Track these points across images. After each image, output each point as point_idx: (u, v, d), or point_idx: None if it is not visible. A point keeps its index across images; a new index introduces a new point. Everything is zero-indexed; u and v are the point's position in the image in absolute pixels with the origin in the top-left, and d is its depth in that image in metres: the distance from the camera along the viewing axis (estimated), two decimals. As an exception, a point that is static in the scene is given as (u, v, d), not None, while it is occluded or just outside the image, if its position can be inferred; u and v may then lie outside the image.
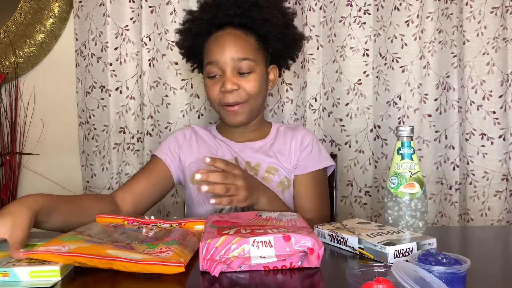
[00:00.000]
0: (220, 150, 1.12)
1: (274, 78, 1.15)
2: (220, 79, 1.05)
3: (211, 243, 0.63)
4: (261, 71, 1.07)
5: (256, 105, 1.08)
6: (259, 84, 1.06)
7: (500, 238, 0.89)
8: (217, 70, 1.05)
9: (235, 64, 1.04)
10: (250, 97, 1.05)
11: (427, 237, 0.70)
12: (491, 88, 1.49)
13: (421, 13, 1.49)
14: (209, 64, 1.06)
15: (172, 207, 1.58)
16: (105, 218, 0.82)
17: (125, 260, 0.61)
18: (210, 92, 1.07)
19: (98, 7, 1.55)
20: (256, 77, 1.06)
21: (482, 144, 1.50)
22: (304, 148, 1.11)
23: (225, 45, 1.04)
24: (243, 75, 1.05)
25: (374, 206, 1.55)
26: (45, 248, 0.62)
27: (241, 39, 1.05)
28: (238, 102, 1.04)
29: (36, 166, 1.67)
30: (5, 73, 1.65)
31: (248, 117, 1.08)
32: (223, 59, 1.03)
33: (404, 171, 0.84)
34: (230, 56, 1.03)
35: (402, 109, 1.52)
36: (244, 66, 1.04)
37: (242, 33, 1.06)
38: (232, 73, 1.04)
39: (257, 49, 1.07)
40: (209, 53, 1.06)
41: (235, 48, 1.04)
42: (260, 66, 1.07)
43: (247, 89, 1.04)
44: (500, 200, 1.51)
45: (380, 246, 0.66)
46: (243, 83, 1.04)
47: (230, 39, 1.05)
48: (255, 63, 1.05)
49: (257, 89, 1.06)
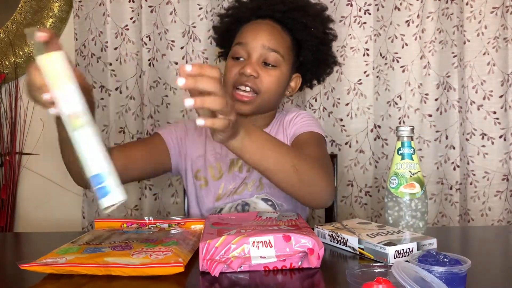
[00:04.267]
0: (224, 148, 1.07)
1: (295, 86, 1.12)
2: (242, 63, 1.01)
3: (211, 243, 0.62)
4: (285, 71, 1.04)
5: (267, 101, 1.04)
6: (278, 81, 1.02)
7: (501, 238, 0.89)
8: (243, 53, 1.02)
9: (263, 53, 1.00)
10: (265, 90, 1.01)
11: (427, 237, 0.70)
12: (492, 88, 1.49)
13: (422, 13, 1.49)
14: (237, 44, 1.03)
15: (172, 207, 1.58)
16: (103, 223, 0.82)
17: (123, 266, 0.60)
18: (228, 73, 1.03)
19: (98, 7, 1.54)
20: (278, 74, 1.02)
21: (482, 144, 1.50)
22: (294, 122, 1.07)
23: (260, 31, 1.02)
24: (266, 67, 1.01)
25: (375, 206, 1.55)
26: (43, 261, 0.62)
27: (277, 32, 1.03)
28: (251, 87, 0.99)
29: (36, 166, 1.67)
30: (5, 73, 1.65)
31: (254, 110, 1.03)
32: (253, 43, 1.01)
33: (404, 171, 0.84)
34: (261, 42, 1.00)
35: (403, 109, 1.52)
36: (271, 58, 1.00)
37: (280, 28, 1.04)
38: (257, 60, 1.00)
39: (289, 48, 1.05)
40: (242, 35, 1.04)
41: (269, 37, 1.01)
42: (286, 66, 1.04)
43: (265, 82, 1.00)
44: (501, 200, 1.50)
45: (380, 246, 0.66)
46: (263, 73, 1.00)
47: (267, 28, 1.03)
48: (283, 59, 1.02)
49: (274, 85, 1.02)
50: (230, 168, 1.06)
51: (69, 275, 0.62)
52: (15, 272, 0.65)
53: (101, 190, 0.47)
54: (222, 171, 1.06)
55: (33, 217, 1.69)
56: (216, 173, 1.06)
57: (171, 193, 1.58)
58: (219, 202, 1.04)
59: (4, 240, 0.99)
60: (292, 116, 1.09)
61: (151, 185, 1.55)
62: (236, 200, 1.03)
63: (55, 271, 0.62)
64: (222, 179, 1.05)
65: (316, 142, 1.01)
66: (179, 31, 1.52)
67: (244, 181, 1.04)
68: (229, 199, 1.03)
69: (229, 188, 1.04)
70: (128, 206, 1.58)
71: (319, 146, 1.00)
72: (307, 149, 0.96)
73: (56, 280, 0.61)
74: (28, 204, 1.69)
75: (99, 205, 0.48)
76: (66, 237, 0.75)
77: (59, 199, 1.67)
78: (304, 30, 1.05)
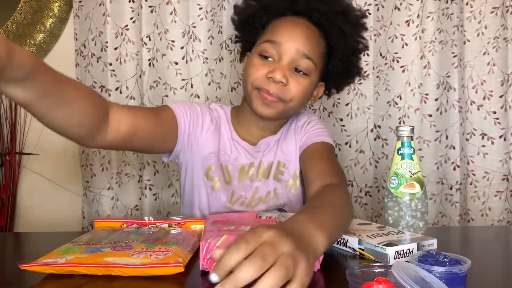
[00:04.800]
0: (234, 152, 1.00)
1: (317, 95, 1.03)
2: (271, 64, 0.91)
3: (211, 242, 0.62)
4: (314, 80, 0.96)
5: (291, 109, 0.96)
6: (306, 90, 0.94)
7: (501, 238, 0.89)
8: (274, 53, 0.92)
9: (296, 58, 0.91)
10: (291, 99, 0.92)
11: (427, 238, 0.70)
12: (492, 88, 1.49)
13: (422, 13, 1.49)
14: (268, 42, 0.92)
15: (172, 207, 1.58)
16: (103, 223, 0.82)
17: (123, 266, 0.60)
18: (252, 71, 0.92)
19: (98, 7, 1.54)
20: (307, 83, 0.93)
21: (482, 144, 1.50)
22: (306, 129, 1.03)
23: (297, 33, 0.92)
24: (297, 74, 0.92)
25: (375, 206, 1.55)
26: (43, 261, 0.62)
27: (314, 36, 0.93)
28: (278, 96, 0.91)
29: (36, 166, 1.67)
30: (5, 73, 1.65)
31: (276, 115, 0.95)
32: (287, 45, 0.91)
33: (404, 171, 0.83)
34: (297, 46, 0.91)
35: (403, 109, 1.52)
36: (304, 65, 0.91)
37: (317, 32, 0.94)
38: (288, 65, 0.91)
39: (322, 56, 0.96)
40: (275, 32, 0.93)
41: (306, 41, 0.91)
42: (316, 75, 0.96)
43: (293, 90, 0.91)
44: (501, 200, 1.50)
45: (381, 247, 0.66)
46: (293, 81, 0.91)
47: (304, 30, 0.92)
48: (315, 67, 0.93)
49: (301, 94, 0.93)
50: (240, 175, 0.99)
51: (69, 275, 0.62)
52: (15, 272, 0.65)
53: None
54: (232, 176, 0.99)
55: (33, 217, 1.69)
56: (226, 176, 0.99)
57: (171, 193, 1.58)
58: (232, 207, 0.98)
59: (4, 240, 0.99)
60: (304, 122, 1.05)
61: (151, 185, 1.55)
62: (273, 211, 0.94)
63: (55, 271, 0.62)
64: (233, 185, 0.99)
65: (328, 154, 0.97)
66: (179, 31, 1.52)
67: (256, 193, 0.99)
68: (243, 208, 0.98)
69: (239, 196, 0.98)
70: (128, 206, 1.58)
71: (331, 158, 0.96)
72: (319, 162, 0.92)
73: (56, 280, 0.61)
74: (28, 204, 1.69)
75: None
76: (66, 237, 0.75)
77: (59, 199, 1.67)
78: (341, 37, 0.96)
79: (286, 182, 1.00)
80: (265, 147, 1.02)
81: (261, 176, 1.00)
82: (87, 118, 0.70)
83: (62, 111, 0.65)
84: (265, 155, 1.01)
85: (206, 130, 0.99)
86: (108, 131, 0.76)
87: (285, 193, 1.00)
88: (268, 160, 1.01)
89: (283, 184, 1.00)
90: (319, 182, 0.83)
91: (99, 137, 0.75)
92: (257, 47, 0.94)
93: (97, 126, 0.73)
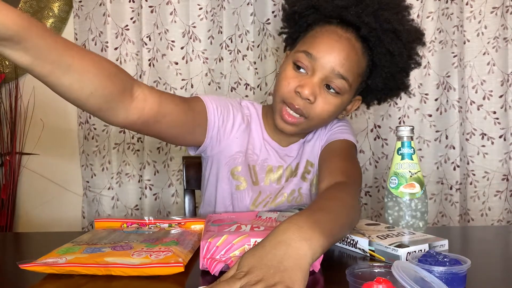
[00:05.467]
0: (263, 153, 0.98)
1: (351, 109, 0.98)
2: (302, 78, 0.86)
3: (212, 242, 0.62)
4: (346, 99, 0.90)
5: (314, 126, 0.94)
6: (334, 111, 0.90)
7: (501, 238, 0.89)
8: (308, 66, 0.86)
9: (330, 76, 0.85)
10: (315, 117, 0.88)
11: (439, 239, 0.69)
12: (492, 88, 1.49)
13: (422, 12, 1.49)
14: (304, 53, 0.87)
15: (172, 207, 1.58)
16: (103, 223, 0.82)
17: (123, 266, 0.61)
18: (284, 84, 0.88)
19: (98, 7, 1.54)
20: (338, 103, 0.88)
21: (482, 144, 1.50)
22: (330, 127, 1.00)
23: (336, 50, 0.85)
24: (328, 91, 0.87)
25: (375, 206, 1.55)
26: (43, 261, 0.62)
27: (355, 55, 0.86)
28: (301, 113, 0.87)
29: (36, 166, 1.67)
30: (5, 73, 1.65)
31: (297, 132, 0.93)
32: (322, 61, 0.85)
33: (404, 171, 0.83)
34: (333, 65, 0.85)
35: (403, 109, 1.52)
36: (337, 83, 0.86)
37: (360, 49, 0.88)
38: (319, 81, 0.86)
39: (360, 75, 0.90)
40: (314, 43, 0.87)
41: (344, 61, 0.85)
42: (350, 94, 0.90)
43: (318, 108, 0.87)
44: (501, 200, 1.50)
45: (392, 248, 0.65)
46: (321, 99, 0.86)
47: (345, 47, 0.86)
48: (349, 88, 0.88)
49: (328, 114, 0.89)
50: (267, 177, 0.98)
51: (69, 275, 0.62)
52: (15, 272, 0.65)
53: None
54: (258, 177, 0.97)
55: (33, 217, 1.69)
56: (253, 177, 0.98)
57: (171, 193, 1.58)
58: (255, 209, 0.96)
59: (4, 240, 0.99)
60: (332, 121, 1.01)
61: (151, 185, 1.55)
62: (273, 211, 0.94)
63: (55, 271, 0.62)
64: (259, 186, 0.97)
65: (345, 152, 0.93)
66: (179, 31, 1.53)
67: (281, 191, 0.97)
68: (266, 208, 0.97)
69: (265, 197, 0.97)
70: (128, 206, 1.58)
71: (347, 156, 0.92)
72: (334, 161, 0.89)
73: (56, 280, 0.61)
74: (28, 204, 1.69)
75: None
76: (66, 237, 0.75)
77: (59, 199, 1.67)
78: (387, 56, 0.88)
79: (311, 181, 1.00)
80: (296, 151, 1.00)
81: (289, 176, 0.99)
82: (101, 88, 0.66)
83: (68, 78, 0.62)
84: (296, 158, 1.00)
85: (237, 128, 0.96)
86: (132, 109, 0.72)
87: (309, 193, 0.99)
88: (297, 162, 1.00)
89: (308, 183, 0.99)
90: (328, 181, 0.81)
91: (121, 113, 0.71)
92: (294, 54, 0.89)
93: (117, 99, 0.69)
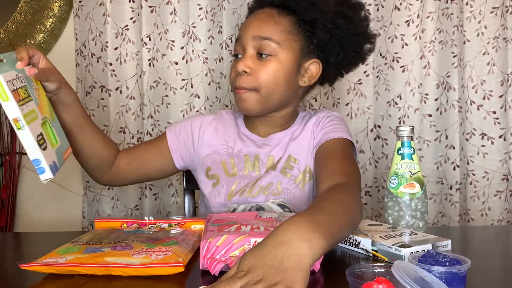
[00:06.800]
0: (238, 143, 1.01)
1: (312, 74, 0.97)
2: (238, 59, 0.94)
3: (212, 242, 0.62)
4: (286, 58, 0.92)
5: (271, 95, 0.93)
6: (276, 72, 0.92)
7: (500, 238, 0.89)
8: (239, 49, 0.94)
9: (256, 43, 0.92)
10: (262, 85, 0.91)
11: (442, 239, 0.69)
12: (492, 88, 1.49)
13: (422, 12, 1.49)
14: (235, 42, 0.97)
15: (172, 207, 1.58)
16: (103, 223, 0.82)
17: (123, 266, 0.61)
18: (230, 74, 0.97)
19: (98, 7, 1.54)
20: (275, 64, 0.92)
21: (482, 144, 1.50)
22: (322, 125, 0.99)
23: (251, 22, 0.94)
24: (262, 58, 0.92)
25: (375, 206, 1.55)
26: (43, 261, 0.62)
27: (269, 18, 0.93)
28: (245, 87, 0.92)
29: (36, 166, 1.67)
30: (5, 73, 1.65)
31: (259, 107, 0.95)
32: (244, 36, 0.93)
33: (404, 171, 0.84)
34: (252, 33, 0.92)
35: (403, 109, 1.52)
36: (264, 46, 0.91)
37: (276, 13, 0.94)
38: (251, 54, 0.92)
39: (288, 32, 0.93)
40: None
41: (260, 25, 0.92)
42: (287, 53, 0.92)
43: (259, 76, 0.91)
44: (501, 200, 1.50)
45: (395, 248, 0.65)
46: (258, 67, 0.91)
47: (259, 16, 0.94)
48: (279, 46, 0.91)
49: (271, 77, 0.91)
50: (245, 166, 0.99)
51: (69, 275, 0.62)
52: (15, 272, 0.65)
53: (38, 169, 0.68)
54: (236, 168, 0.99)
55: (33, 217, 1.69)
56: (230, 169, 0.99)
57: (171, 193, 1.58)
58: (231, 200, 0.97)
59: (4, 240, 0.99)
60: (322, 116, 1.01)
61: (151, 185, 1.55)
62: (250, 203, 0.96)
63: (55, 271, 0.62)
64: (237, 176, 0.98)
65: (341, 151, 0.93)
66: (179, 31, 1.53)
67: (258, 182, 0.96)
68: (242, 199, 0.96)
69: (242, 186, 0.97)
70: (128, 206, 1.58)
71: (344, 156, 0.92)
72: (330, 161, 0.89)
73: (56, 280, 0.61)
74: (28, 204, 1.69)
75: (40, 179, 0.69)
76: (66, 237, 0.75)
77: (59, 199, 1.67)
78: (311, 8, 0.92)
79: (295, 178, 0.97)
80: (277, 141, 1.00)
81: (269, 168, 0.98)
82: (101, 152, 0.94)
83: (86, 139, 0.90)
84: (275, 149, 0.99)
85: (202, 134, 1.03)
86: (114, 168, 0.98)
87: (291, 189, 0.96)
88: (278, 154, 0.99)
89: (290, 179, 0.97)
90: (327, 183, 0.81)
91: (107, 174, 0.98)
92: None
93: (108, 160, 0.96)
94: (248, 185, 0.97)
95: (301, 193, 0.96)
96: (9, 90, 0.64)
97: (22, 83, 0.69)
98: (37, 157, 0.67)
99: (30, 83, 0.72)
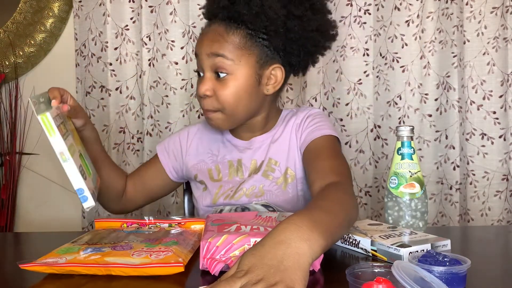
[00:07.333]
0: (222, 150, 1.03)
1: (277, 79, 0.95)
2: (200, 80, 0.93)
3: (212, 242, 0.62)
4: (243, 74, 0.91)
5: (237, 112, 0.93)
6: (236, 89, 0.90)
7: (500, 238, 0.89)
8: (199, 66, 0.94)
9: (211, 61, 0.90)
10: (224, 106, 0.91)
11: (441, 239, 0.69)
12: (492, 88, 1.49)
13: (422, 13, 1.49)
14: (195, 55, 0.95)
15: (172, 207, 1.58)
16: (103, 223, 0.82)
17: (123, 266, 0.61)
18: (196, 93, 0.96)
19: (98, 7, 1.54)
20: (233, 82, 0.90)
21: (482, 144, 1.50)
22: (305, 126, 0.98)
23: (203, 40, 0.92)
24: (220, 79, 0.90)
25: (375, 206, 1.55)
26: (43, 261, 0.62)
27: (218, 34, 0.90)
28: (209, 110, 0.92)
29: (36, 166, 1.67)
30: (5, 73, 1.65)
31: (227, 124, 0.96)
32: (200, 54, 0.92)
33: (404, 171, 0.84)
34: (205, 51, 0.90)
35: (403, 109, 1.52)
36: (220, 65, 0.89)
37: (224, 30, 0.90)
38: (209, 76, 0.91)
39: (240, 48, 0.90)
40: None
41: (210, 42, 0.90)
42: (244, 68, 0.90)
43: (220, 97, 0.90)
44: (501, 200, 1.50)
45: (394, 248, 0.65)
46: (218, 88, 0.90)
47: (208, 36, 0.91)
48: (233, 63, 0.89)
49: (232, 97, 0.90)
50: (230, 172, 1.01)
51: (69, 275, 0.62)
52: (15, 272, 0.65)
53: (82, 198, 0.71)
54: (221, 174, 1.02)
55: (33, 217, 1.69)
56: (215, 175, 1.02)
57: (171, 193, 1.58)
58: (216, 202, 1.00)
59: (4, 240, 0.99)
60: (302, 118, 1.00)
61: (151, 185, 1.55)
62: (234, 205, 0.98)
63: (55, 271, 0.62)
64: (222, 181, 1.01)
65: (328, 149, 0.92)
66: (179, 31, 1.53)
67: (241, 185, 0.98)
68: (226, 202, 0.99)
69: (226, 190, 1.00)
70: (128, 206, 1.58)
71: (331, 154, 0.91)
72: (319, 161, 0.88)
73: (56, 280, 0.61)
74: (28, 204, 1.69)
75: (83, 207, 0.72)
76: (66, 237, 0.75)
77: (59, 199, 1.67)
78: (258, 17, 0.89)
79: (277, 179, 0.98)
80: (259, 144, 1.01)
81: (251, 172, 0.99)
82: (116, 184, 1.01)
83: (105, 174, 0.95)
84: (257, 152, 1.01)
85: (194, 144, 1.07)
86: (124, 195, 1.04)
87: (273, 190, 0.97)
88: (260, 157, 1.00)
89: (272, 181, 0.98)
90: (319, 183, 0.81)
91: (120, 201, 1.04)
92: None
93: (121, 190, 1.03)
94: (232, 189, 0.99)
95: (283, 193, 0.97)
96: (55, 125, 0.69)
97: (61, 119, 0.74)
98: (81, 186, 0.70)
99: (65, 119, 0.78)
